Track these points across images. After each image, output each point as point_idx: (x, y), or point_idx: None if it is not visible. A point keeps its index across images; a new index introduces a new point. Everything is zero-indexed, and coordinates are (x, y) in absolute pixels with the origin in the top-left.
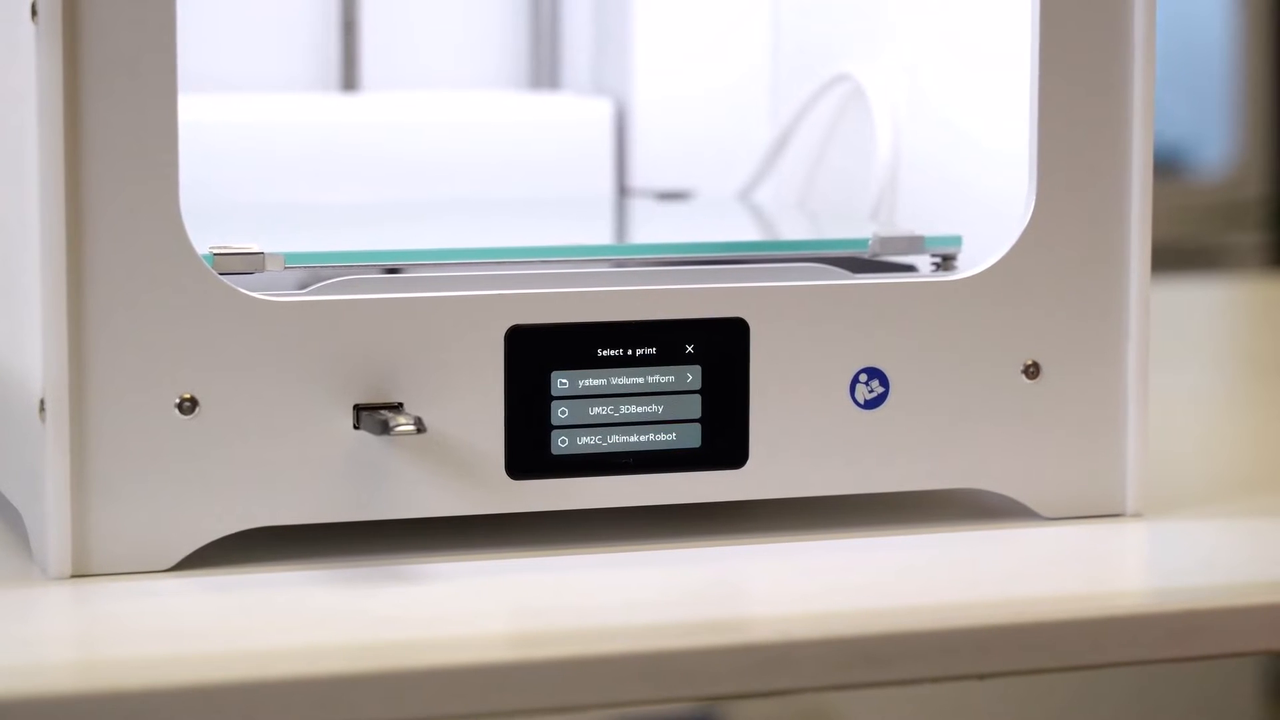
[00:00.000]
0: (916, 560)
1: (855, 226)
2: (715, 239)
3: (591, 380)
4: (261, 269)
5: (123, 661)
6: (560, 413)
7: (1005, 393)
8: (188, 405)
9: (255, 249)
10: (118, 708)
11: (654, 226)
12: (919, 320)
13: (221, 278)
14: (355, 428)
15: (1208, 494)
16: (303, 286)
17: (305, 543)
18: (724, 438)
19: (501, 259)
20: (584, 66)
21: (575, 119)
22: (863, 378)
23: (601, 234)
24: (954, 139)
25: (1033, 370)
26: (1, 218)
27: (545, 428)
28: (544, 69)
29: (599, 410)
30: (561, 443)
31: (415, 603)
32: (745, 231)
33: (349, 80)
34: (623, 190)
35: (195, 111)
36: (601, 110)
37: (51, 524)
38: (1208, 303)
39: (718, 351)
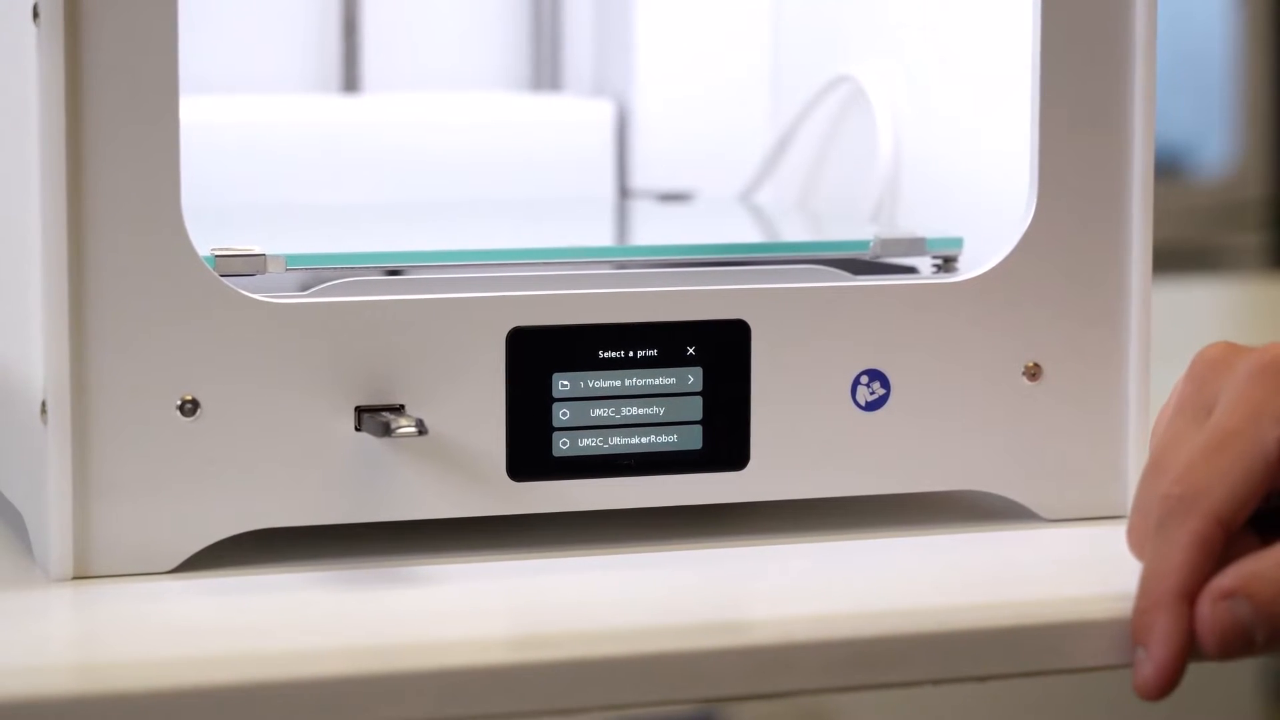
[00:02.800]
0: (917, 562)
1: (856, 228)
2: (716, 240)
3: (593, 382)
4: (263, 271)
5: (124, 663)
6: (561, 414)
7: (1006, 394)
8: (189, 407)
9: (257, 251)
10: (119, 710)
11: (655, 228)
12: (920, 322)
13: (223, 279)
14: (356, 429)
15: None
16: (304, 288)
17: (307, 544)
18: (725, 440)
19: (503, 261)
20: (585, 68)
21: (576, 120)
22: (864, 379)
23: (603, 235)
24: (955, 140)
25: (1034, 372)
26: (3, 218)
27: (546, 429)
28: (545, 70)
29: (600, 412)
30: (563, 444)
31: (416, 605)
32: (746, 233)
33: (350, 81)
34: (624, 191)
35: (197, 113)
36: (603, 111)
37: (53, 525)
38: (1209, 304)
39: (719, 353)
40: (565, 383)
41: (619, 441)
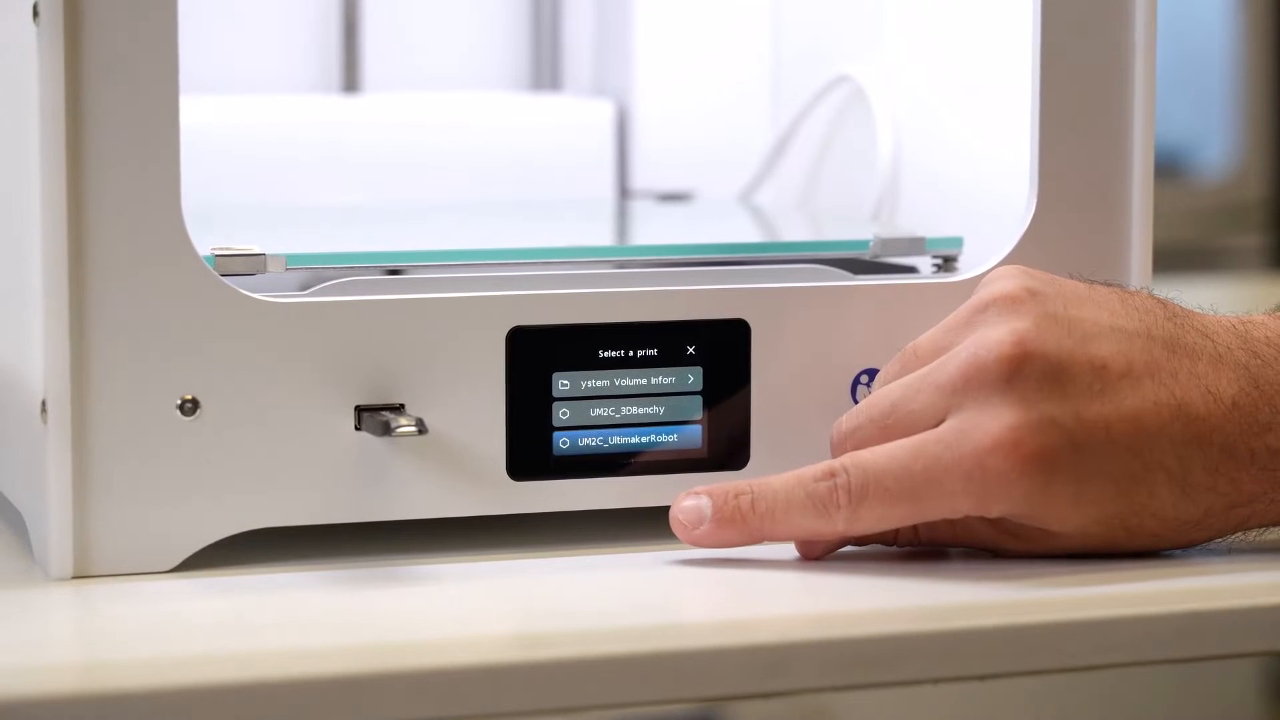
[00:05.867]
0: (917, 561)
1: (856, 228)
2: (716, 240)
3: (593, 381)
4: (263, 270)
5: (125, 663)
6: (561, 414)
7: None
8: (189, 406)
9: (257, 250)
10: (120, 709)
11: (655, 228)
12: (920, 322)
13: (223, 279)
14: (357, 429)
15: None
16: (304, 288)
17: (307, 544)
18: (725, 439)
19: (503, 260)
20: (585, 68)
21: (576, 120)
22: (864, 379)
23: (603, 235)
24: (955, 140)
25: None
26: (3, 218)
27: (547, 429)
28: (545, 70)
29: (600, 411)
30: (563, 444)
31: (416, 604)
32: (746, 233)
33: (350, 81)
34: (624, 191)
35: (197, 113)
36: (603, 111)
37: (53, 525)
38: (1209, 304)
39: (719, 353)
40: (565, 382)
41: (619, 441)
